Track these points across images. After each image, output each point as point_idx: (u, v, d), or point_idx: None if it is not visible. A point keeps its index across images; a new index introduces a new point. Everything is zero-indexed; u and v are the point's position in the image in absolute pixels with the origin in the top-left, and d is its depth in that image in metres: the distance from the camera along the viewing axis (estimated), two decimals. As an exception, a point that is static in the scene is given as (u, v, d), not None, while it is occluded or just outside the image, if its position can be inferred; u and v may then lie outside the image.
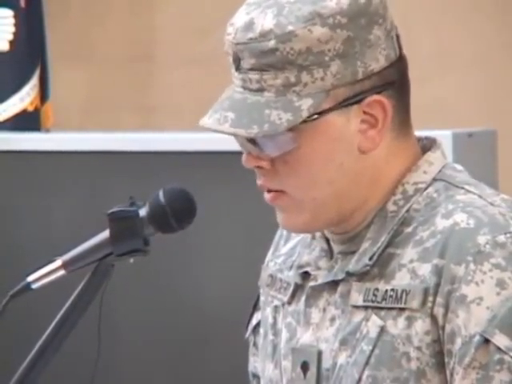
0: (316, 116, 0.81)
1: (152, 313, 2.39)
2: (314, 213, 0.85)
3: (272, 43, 0.79)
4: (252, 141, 0.83)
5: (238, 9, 0.87)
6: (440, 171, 0.87)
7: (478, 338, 0.76)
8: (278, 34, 0.79)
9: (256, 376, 1.03)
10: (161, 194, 0.93)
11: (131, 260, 0.96)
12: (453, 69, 3.57)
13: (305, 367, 0.87)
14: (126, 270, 1.03)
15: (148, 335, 2.40)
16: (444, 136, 1.92)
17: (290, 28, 0.79)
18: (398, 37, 0.87)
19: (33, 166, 3.31)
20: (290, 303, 0.92)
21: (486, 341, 0.76)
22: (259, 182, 0.87)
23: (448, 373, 0.79)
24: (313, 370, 0.86)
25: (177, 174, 2.27)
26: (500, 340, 0.75)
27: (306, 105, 0.80)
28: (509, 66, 3.42)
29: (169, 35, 4.41)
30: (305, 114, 0.80)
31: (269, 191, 0.86)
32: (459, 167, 0.91)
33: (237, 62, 0.83)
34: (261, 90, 0.82)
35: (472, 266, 0.77)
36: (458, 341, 0.77)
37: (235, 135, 0.83)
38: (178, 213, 0.93)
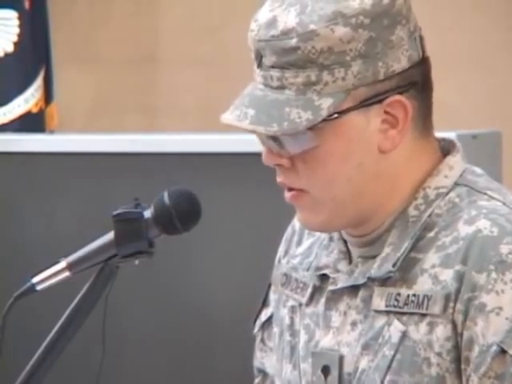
0: (336, 115, 0.80)
1: (156, 314, 2.39)
2: (333, 212, 0.85)
3: (294, 41, 0.79)
4: (273, 138, 0.83)
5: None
6: (461, 175, 0.87)
7: (495, 347, 0.76)
8: (300, 33, 0.79)
9: (261, 371, 1.03)
10: (166, 195, 0.93)
11: (136, 262, 0.96)
12: (454, 70, 3.57)
13: (326, 371, 0.87)
14: (130, 272, 1.03)
15: (153, 336, 2.40)
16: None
17: (312, 27, 0.79)
18: (421, 38, 0.86)
19: (37, 168, 3.31)
20: (307, 305, 0.91)
21: (503, 351, 0.76)
22: (279, 179, 0.86)
23: (464, 379, 0.78)
24: (334, 374, 0.86)
25: (181, 176, 2.27)
26: None
27: (326, 104, 0.80)
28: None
29: (173, 36, 4.41)
30: (324, 113, 0.80)
31: (289, 190, 0.86)
32: (479, 171, 0.90)
33: (258, 58, 0.83)
34: (281, 88, 0.81)
35: (494, 275, 0.77)
36: (476, 349, 0.77)
37: (255, 132, 0.83)
38: (182, 214, 0.93)
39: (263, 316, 1.02)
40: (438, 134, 0.92)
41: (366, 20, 0.80)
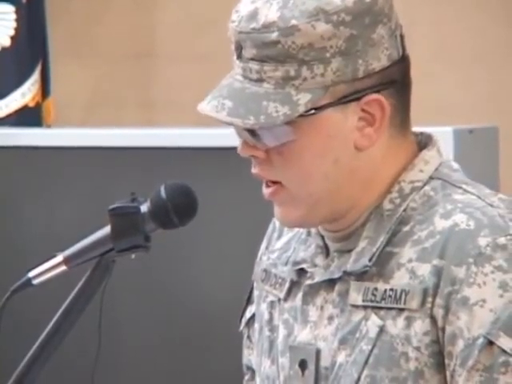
0: (313, 111, 0.80)
1: (152, 309, 2.39)
2: (309, 208, 0.85)
3: (274, 35, 0.79)
4: (249, 130, 0.83)
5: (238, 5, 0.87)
6: (436, 169, 0.87)
7: (481, 340, 0.76)
8: (281, 27, 0.79)
9: (250, 368, 1.04)
10: (162, 189, 0.93)
11: (132, 256, 0.96)
12: (454, 66, 3.57)
13: (303, 365, 0.87)
14: (125, 266, 1.03)
15: (149, 332, 2.40)
16: (445, 132, 1.92)
17: (294, 22, 0.78)
18: (402, 37, 0.86)
19: (34, 162, 3.31)
20: (285, 300, 0.92)
21: (490, 343, 0.76)
22: (254, 170, 0.87)
23: (448, 374, 0.79)
24: (311, 368, 0.86)
25: (178, 170, 2.27)
26: (504, 342, 0.75)
27: (304, 99, 0.80)
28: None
29: (171, 32, 4.41)
30: (302, 109, 0.80)
31: (267, 186, 0.86)
32: (455, 166, 0.90)
33: (238, 50, 0.83)
34: (260, 81, 0.81)
35: (473, 268, 0.77)
36: (460, 343, 0.77)
37: (231, 124, 0.83)
38: (179, 209, 0.93)
39: (248, 313, 1.03)
40: (435, 129, 0.93)
41: (348, 17, 0.79)
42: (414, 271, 0.80)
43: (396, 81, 0.84)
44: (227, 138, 2.15)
